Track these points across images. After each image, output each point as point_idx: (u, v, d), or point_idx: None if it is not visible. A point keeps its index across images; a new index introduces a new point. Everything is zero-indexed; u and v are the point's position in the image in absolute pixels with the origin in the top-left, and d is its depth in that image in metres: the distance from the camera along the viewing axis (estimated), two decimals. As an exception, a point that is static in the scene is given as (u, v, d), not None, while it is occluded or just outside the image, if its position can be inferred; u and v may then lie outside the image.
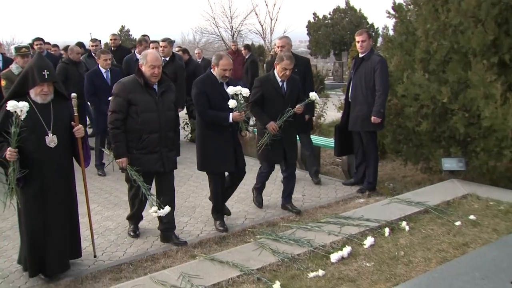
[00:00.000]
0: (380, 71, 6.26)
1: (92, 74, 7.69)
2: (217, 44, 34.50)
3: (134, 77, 4.82)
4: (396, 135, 7.12)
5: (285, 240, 4.45)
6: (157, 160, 4.81)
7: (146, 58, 4.73)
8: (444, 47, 6.34)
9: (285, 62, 5.51)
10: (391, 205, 5.34)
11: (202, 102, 5.14)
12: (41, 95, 4.18)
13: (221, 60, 5.14)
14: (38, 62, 4.25)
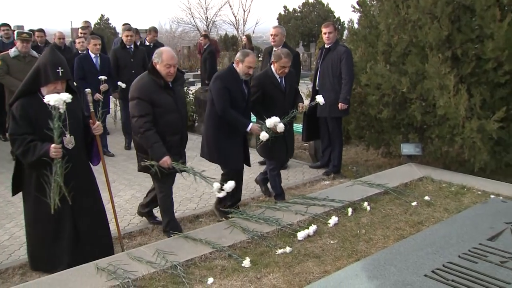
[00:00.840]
0: (345, 61, 6.32)
1: (82, 58, 7.56)
2: (192, 33, 34.16)
3: (150, 77, 4.32)
4: (359, 121, 7.21)
5: (255, 219, 4.46)
6: (177, 160, 4.46)
7: (162, 57, 4.29)
8: (404, 40, 6.41)
9: (284, 60, 5.20)
10: (354, 187, 5.40)
11: (225, 98, 4.77)
12: (54, 93, 3.64)
13: (247, 57, 4.81)
14: (51, 57, 3.77)
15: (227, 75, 4.89)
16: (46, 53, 3.85)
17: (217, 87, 4.81)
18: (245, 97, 4.96)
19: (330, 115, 6.54)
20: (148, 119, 4.25)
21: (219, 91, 4.79)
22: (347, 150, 7.92)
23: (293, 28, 31.63)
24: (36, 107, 3.74)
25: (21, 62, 7.13)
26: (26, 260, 4.17)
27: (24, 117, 3.70)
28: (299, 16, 32.93)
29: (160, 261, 3.65)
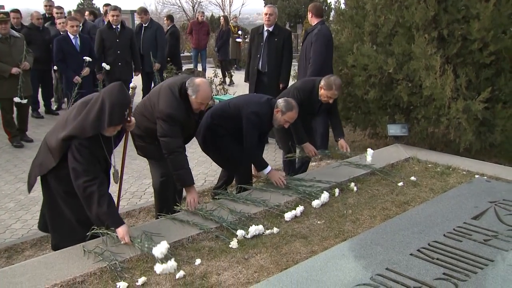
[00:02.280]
0: (314, 43, 6.21)
1: (61, 39, 7.43)
2: (178, 14, 33.69)
3: (181, 101, 4.07)
4: (346, 103, 7.21)
5: (242, 200, 4.46)
6: None
7: (198, 94, 4.05)
8: (391, 21, 6.39)
9: (333, 92, 5.05)
10: (341, 168, 5.42)
11: (256, 137, 4.71)
12: (112, 132, 3.52)
13: (290, 112, 4.63)
14: (120, 98, 3.42)
15: (266, 118, 4.70)
16: (115, 91, 3.43)
17: (254, 122, 4.64)
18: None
19: None
20: (180, 140, 4.15)
21: (253, 127, 4.65)
22: (334, 131, 7.93)
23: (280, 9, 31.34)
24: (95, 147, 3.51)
25: (5, 45, 6.86)
26: (12, 243, 4.14)
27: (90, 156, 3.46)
28: (285, -3, 32.65)
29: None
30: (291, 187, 4.79)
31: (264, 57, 6.80)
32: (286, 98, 4.80)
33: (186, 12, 33.14)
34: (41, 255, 3.86)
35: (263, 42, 6.79)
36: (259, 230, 3.89)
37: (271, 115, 4.70)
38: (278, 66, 6.76)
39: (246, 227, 3.90)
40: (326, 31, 6.39)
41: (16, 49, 6.93)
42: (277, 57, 6.73)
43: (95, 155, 3.51)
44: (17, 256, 4.01)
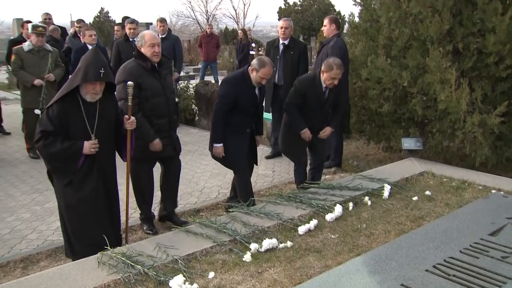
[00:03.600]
0: (330, 56, 6.21)
1: (79, 50, 7.55)
2: (192, 27, 34.05)
3: (137, 62, 4.42)
4: (360, 116, 7.18)
5: (256, 213, 4.45)
6: (168, 144, 4.59)
7: (144, 39, 4.38)
8: (405, 34, 6.38)
9: (335, 71, 4.99)
10: (355, 181, 5.38)
11: (225, 102, 4.74)
12: (92, 93, 3.74)
13: (263, 68, 4.66)
14: (94, 58, 3.76)
15: (237, 80, 4.78)
16: (91, 54, 3.81)
17: (223, 89, 4.77)
18: (255, 103, 4.87)
19: None
20: (135, 102, 4.24)
21: (223, 93, 4.75)
22: (347, 145, 7.90)
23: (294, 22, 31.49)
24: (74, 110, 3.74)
25: (35, 56, 7.04)
26: (28, 254, 4.17)
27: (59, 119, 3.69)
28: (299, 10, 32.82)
29: (161, 255, 3.64)
30: (304, 201, 4.77)
31: (280, 71, 6.81)
32: (259, 57, 4.85)
33: (200, 25, 33.42)
34: (56, 266, 3.88)
35: (279, 55, 6.81)
36: (273, 244, 3.87)
37: (245, 76, 4.72)
38: (294, 79, 6.74)
39: (259, 241, 3.89)
40: (342, 43, 6.43)
41: (45, 62, 7.08)
42: (293, 70, 6.74)
43: (71, 119, 3.70)
44: (33, 267, 4.03)
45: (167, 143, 4.60)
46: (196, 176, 5.96)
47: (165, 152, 4.59)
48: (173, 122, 4.68)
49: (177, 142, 4.78)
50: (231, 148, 4.84)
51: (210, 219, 4.33)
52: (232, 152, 4.86)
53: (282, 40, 6.78)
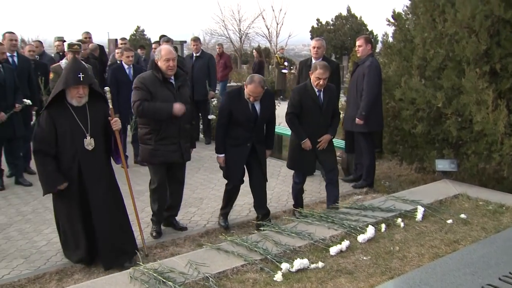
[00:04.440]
0: (367, 75, 6.23)
1: (116, 68, 7.67)
2: (225, 45, 34.40)
3: (152, 73, 4.71)
4: (393, 136, 7.09)
5: (287, 232, 4.42)
6: (176, 150, 4.76)
7: (161, 53, 4.65)
8: (440, 55, 6.29)
9: (318, 71, 5.10)
10: (387, 202, 5.29)
11: (223, 115, 4.96)
12: (77, 97, 4.03)
13: (250, 85, 4.79)
14: (73, 64, 4.11)
15: (233, 94, 5.00)
16: (69, 62, 4.31)
17: (221, 104, 5.07)
18: (250, 118, 4.92)
19: (352, 129, 6.50)
20: (142, 101, 4.57)
21: (220, 107, 5.04)
22: (379, 165, 7.78)
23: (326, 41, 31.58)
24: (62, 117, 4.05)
25: None
26: (64, 266, 4.23)
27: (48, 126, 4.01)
28: (331, 29, 32.91)
29: (192, 272, 3.64)
30: (336, 221, 4.71)
31: (313, 90, 6.81)
32: (252, 74, 5.13)
33: (233, 43, 33.76)
34: (90, 279, 3.92)
35: (311, 75, 6.81)
36: (304, 264, 3.82)
37: (241, 92, 4.94)
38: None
39: (291, 260, 3.85)
40: (377, 63, 6.42)
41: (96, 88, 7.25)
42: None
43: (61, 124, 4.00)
44: (67, 279, 4.09)
45: (175, 149, 4.75)
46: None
47: (172, 157, 4.76)
48: (183, 130, 4.80)
49: (186, 151, 4.90)
50: (227, 160, 5.03)
51: (242, 237, 4.32)
52: (228, 164, 5.04)
53: (314, 59, 6.77)
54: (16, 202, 5.97)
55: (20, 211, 5.65)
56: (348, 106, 6.59)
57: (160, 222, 5.08)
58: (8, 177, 6.80)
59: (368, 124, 6.28)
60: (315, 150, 5.26)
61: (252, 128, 4.96)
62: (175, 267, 3.71)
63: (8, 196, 6.18)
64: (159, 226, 5.06)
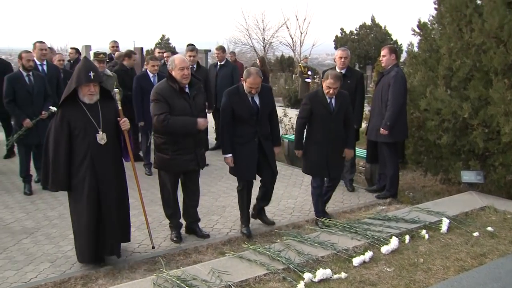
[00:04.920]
0: (392, 85, 6.15)
1: (140, 77, 7.73)
2: (249, 54, 34.59)
3: (168, 83, 4.75)
4: (417, 146, 7.00)
5: (310, 242, 4.40)
6: (192, 159, 4.83)
7: (174, 62, 4.70)
8: (467, 65, 6.21)
9: (329, 81, 5.23)
10: (411, 214, 5.22)
11: (226, 113, 5.04)
12: (88, 95, 4.24)
13: (249, 78, 4.93)
14: (84, 64, 4.33)
15: (232, 92, 5.11)
16: (81, 62, 4.45)
17: (222, 103, 5.12)
18: (252, 112, 5.03)
19: (376, 139, 6.43)
20: (166, 115, 4.63)
21: (222, 106, 5.11)
22: (403, 175, 7.69)
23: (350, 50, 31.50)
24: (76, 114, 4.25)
25: None
26: (88, 271, 4.29)
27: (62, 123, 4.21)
28: (355, 39, 32.74)
29: (215, 280, 3.65)
30: (359, 232, 4.67)
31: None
32: (248, 68, 5.24)
33: (257, 52, 33.89)
34: (113, 285, 3.96)
35: (335, 84, 6.79)
36: (327, 274, 3.79)
37: (239, 88, 5.08)
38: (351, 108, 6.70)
39: (313, 270, 3.82)
40: (403, 73, 6.35)
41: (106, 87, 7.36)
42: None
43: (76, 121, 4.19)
44: (91, 284, 4.13)
45: (192, 158, 4.81)
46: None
47: (189, 166, 4.82)
48: (198, 140, 4.89)
49: (202, 158, 4.98)
50: (236, 159, 5.08)
51: (264, 246, 4.32)
52: (237, 161, 5.08)
53: (339, 69, 6.75)
54: (43, 207, 6.08)
55: (47, 215, 5.75)
56: (373, 116, 6.53)
57: (178, 227, 5.11)
58: (36, 182, 6.93)
59: (392, 134, 6.22)
60: (327, 155, 5.36)
61: (255, 122, 5.06)
62: (197, 275, 3.73)
63: (36, 201, 6.30)
64: (178, 231, 5.09)
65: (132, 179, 4.61)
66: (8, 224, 5.45)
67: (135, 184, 4.62)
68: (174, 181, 4.94)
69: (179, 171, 4.87)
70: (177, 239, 5.02)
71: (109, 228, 4.35)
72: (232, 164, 5.09)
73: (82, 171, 4.24)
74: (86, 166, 4.24)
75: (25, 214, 5.77)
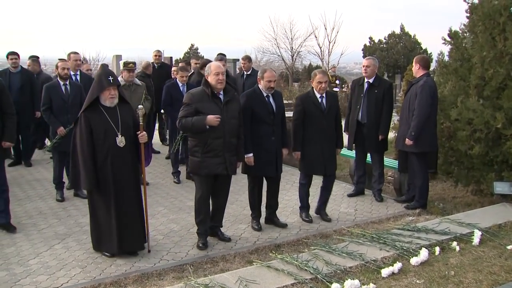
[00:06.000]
0: (419, 94, 6.05)
1: (170, 86, 7.84)
2: (277, 63, 34.67)
3: (202, 88, 4.95)
4: (447, 157, 6.88)
5: (338, 252, 4.37)
6: (221, 163, 4.91)
7: (210, 68, 4.90)
8: (500, 74, 6.09)
9: (318, 76, 5.65)
10: (442, 225, 5.13)
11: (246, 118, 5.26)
12: (109, 98, 4.56)
13: (265, 73, 5.33)
14: (103, 70, 4.68)
15: (249, 93, 5.43)
16: (99, 68, 4.83)
17: (242, 105, 5.26)
18: (271, 110, 5.36)
19: (403, 149, 6.36)
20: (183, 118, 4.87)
21: (242, 107, 5.22)
22: (433, 186, 7.56)
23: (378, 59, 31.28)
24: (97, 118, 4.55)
25: (127, 91, 7.28)
26: (117, 277, 4.35)
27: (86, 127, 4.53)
28: (384, 47, 32.54)
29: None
30: (388, 242, 4.61)
31: (364, 108, 6.73)
32: (261, 68, 5.70)
33: (285, 61, 33.95)
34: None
35: (363, 94, 6.74)
36: (355, 285, 3.76)
37: (255, 89, 5.42)
38: (378, 118, 6.64)
39: (341, 281, 3.79)
40: (432, 83, 6.22)
41: (136, 95, 7.49)
42: (377, 109, 6.63)
43: (96, 124, 4.50)
44: (120, 290, 4.20)
45: (220, 162, 4.91)
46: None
47: (217, 170, 4.93)
48: (228, 144, 4.94)
49: (231, 164, 5.03)
50: (256, 157, 5.30)
51: (292, 255, 4.30)
52: (257, 159, 5.31)
53: (366, 78, 6.72)
54: (75, 213, 6.20)
55: (78, 222, 5.86)
56: (400, 125, 6.46)
57: (205, 234, 5.15)
58: (68, 189, 7.10)
59: (418, 144, 6.11)
60: (322, 152, 5.69)
61: (272, 121, 5.36)
62: (225, 283, 3.74)
63: (68, 208, 6.44)
64: (204, 238, 5.13)
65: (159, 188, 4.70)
66: (42, 229, 5.58)
67: (165, 192, 4.70)
68: (206, 186, 5.01)
69: (207, 174, 4.95)
70: (203, 246, 5.05)
71: (130, 225, 4.68)
72: (253, 163, 5.30)
73: (103, 171, 4.55)
74: (107, 167, 4.55)
75: (57, 220, 5.90)
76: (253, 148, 5.31)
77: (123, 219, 4.66)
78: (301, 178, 5.99)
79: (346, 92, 18.96)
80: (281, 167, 5.59)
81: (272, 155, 5.41)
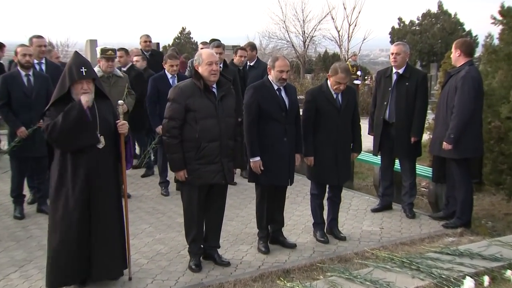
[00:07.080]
0: (460, 88, 6.01)
1: (157, 78, 7.71)
2: (286, 50, 34.76)
3: (192, 81, 4.95)
4: (497, 164, 6.88)
5: (360, 280, 4.37)
6: (217, 171, 4.92)
7: (202, 57, 4.87)
8: None
9: (340, 75, 5.55)
10: (491, 248, 5.12)
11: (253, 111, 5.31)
12: (82, 93, 4.47)
13: (277, 61, 5.34)
14: (75, 59, 4.59)
15: (257, 86, 5.45)
16: (72, 57, 4.72)
17: (246, 99, 5.40)
18: (283, 106, 5.36)
19: (440, 154, 6.31)
20: (176, 124, 4.85)
21: (246, 102, 5.38)
22: (479, 199, 7.54)
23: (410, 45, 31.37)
24: None
25: (106, 83, 7.10)
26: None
27: None
28: (417, 30, 32.54)
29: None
30: (423, 269, 4.59)
31: (392, 105, 6.70)
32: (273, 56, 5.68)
33: (295, 48, 33.98)
34: None
35: (391, 87, 6.71)
36: (383, 322, 3.73)
37: (264, 81, 5.47)
38: (409, 116, 6.60)
39: (365, 316, 3.77)
40: (476, 73, 6.17)
41: (116, 89, 7.35)
42: (408, 105, 6.59)
43: None
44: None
45: (217, 170, 4.92)
46: (287, 229, 5.93)
47: (214, 179, 4.93)
48: (225, 147, 4.94)
49: (229, 171, 5.08)
50: (264, 162, 5.29)
51: (304, 283, 4.29)
52: (266, 165, 5.29)
53: (395, 68, 6.69)
54: (37, 233, 6.12)
55: (42, 244, 5.75)
56: (437, 126, 6.40)
57: (198, 254, 5.16)
58: (29, 203, 7.07)
59: (459, 149, 6.07)
60: (336, 157, 5.71)
61: (284, 119, 5.35)
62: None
63: (29, 227, 6.38)
64: (197, 259, 5.13)
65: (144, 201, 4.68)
66: (-5, 253, 5.53)
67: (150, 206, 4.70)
68: (199, 198, 5.00)
69: (203, 185, 4.95)
70: (196, 267, 5.06)
71: (102, 245, 4.54)
72: (260, 169, 5.28)
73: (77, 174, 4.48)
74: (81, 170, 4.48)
75: (15, 243, 5.84)
76: (262, 151, 5.29)
77: (98, 239, 4.54)
78: (312, 188, 6.02)
79: (369, 86, 18.98)
80: (293, 174, 5.61)
81: (285, 159, 5.41)
